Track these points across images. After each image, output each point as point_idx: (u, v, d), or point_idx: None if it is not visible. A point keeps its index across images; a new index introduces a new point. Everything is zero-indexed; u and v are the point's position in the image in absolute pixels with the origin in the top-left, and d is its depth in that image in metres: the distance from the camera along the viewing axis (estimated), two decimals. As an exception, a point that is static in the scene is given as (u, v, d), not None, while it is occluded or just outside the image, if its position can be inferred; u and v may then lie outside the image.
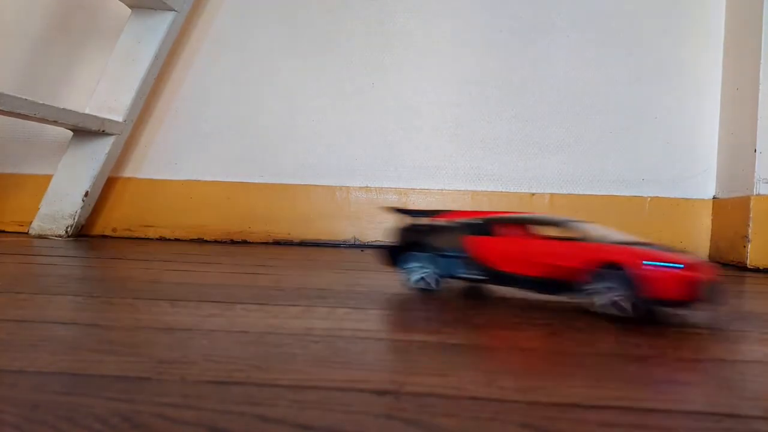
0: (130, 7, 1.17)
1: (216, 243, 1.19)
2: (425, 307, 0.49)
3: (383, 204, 1.20)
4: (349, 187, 1.22)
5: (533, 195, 1.18)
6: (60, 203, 1.15)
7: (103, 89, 1.15)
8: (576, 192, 1.18)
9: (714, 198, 1.15)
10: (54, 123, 1.04)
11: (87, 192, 1.14)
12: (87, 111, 1.12)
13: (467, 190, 1.20)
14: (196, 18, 1.25)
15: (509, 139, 1.20)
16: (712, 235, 1.14)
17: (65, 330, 0.37)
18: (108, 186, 1.22)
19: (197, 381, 0.27)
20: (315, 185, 1.22)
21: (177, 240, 1.22)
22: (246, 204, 1.23)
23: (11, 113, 0.94)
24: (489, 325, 0.43)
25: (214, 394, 0.26)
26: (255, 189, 1.23)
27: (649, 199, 1.16)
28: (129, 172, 1.26)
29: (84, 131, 1.13)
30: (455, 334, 0.40)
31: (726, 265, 1.05)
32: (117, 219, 1.25)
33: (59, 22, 1.28)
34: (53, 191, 1.15)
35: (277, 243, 1.21)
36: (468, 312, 0.48)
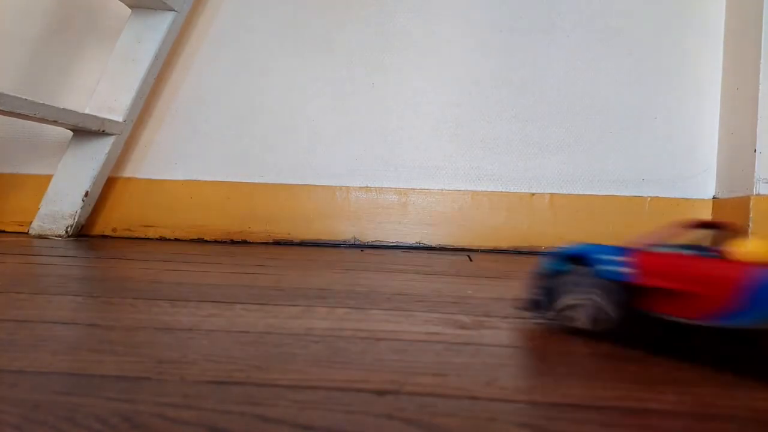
0: (130, 7, 1.17)
1: (216, 243, 1.19)
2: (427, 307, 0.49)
3: (384, 204, 1.20)
4: (349, 187, 1.22)
5: (533, 195, 1.18)
6: (60, 203, 1.15)
7: (103, 89, 1.15)
8: (576, 192, 1.18)
9: (714, 198, 1.15)
10: (54, 123, 1.04)
11: (87, 192, 1.14)
12: (87, 111, 1.12)
13: (467, 190, 1.20)
14: (196, 18, 1.25)
15: (509, 139, 1.20)
16: (711, 236, 1.14)
17: (65, 330, 0.37)
18: (108, 186, 1.22)
19: (197, 381, 0.27)
20: (315, 185, 1.22)
21: (177, 240, 1.22)
22: (246, 204, 1.23)
23: (11, 113, 0.94)
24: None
25: (214, 394, 0.26)
26: (255, 189, 1.23)
27: (649, 199, 1.16)
28: (129, 172, 1.26)
29: (84, 131, 1.13)
30: (456, 334, 0.40)
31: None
32: (117, 219, 1.25)
33: (59, 22, 1.28)
34: (53, 191, 1.15)
35: (277, 243, 1.21)
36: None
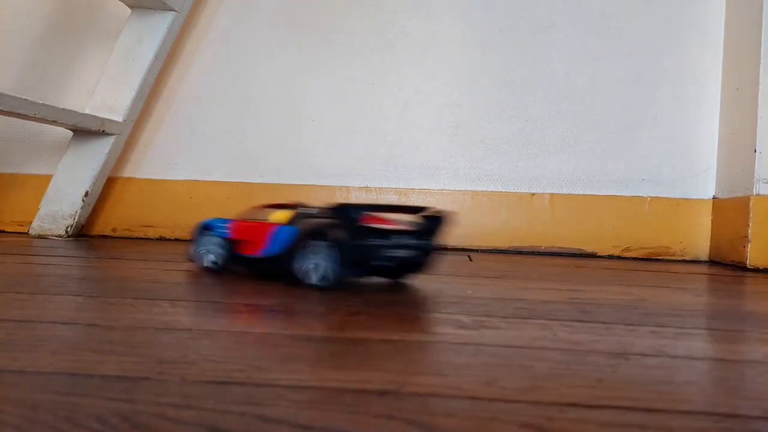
0: (130, 7, 1.17)
1: (216, 243, 1.19)
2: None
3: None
4: (349, 187, 1.22)
5: (533, 195, 1.18)
6: (60, 203, 1.15)
7: (103, 89, 1.15)
8: (576, 192, 1.18)
9: (714, 198, 1.15)
10: (54, 123, 1.04)
11: (87, 192, 1.14)
12: (87, 111, 1.12)
13: (467, 190, 1.20)
14: (196, 18, 1.25)
15: (509, 139, 1.20)
16: (711, 235, 1.14)
17: (65, 330, 0.37)
18: (108, 186, 1.22)
19: (197, 381, 0.27)
20: (315, 185, 1.22)
21: (177, 240, 1.22)
22: (246, 204, 1.23)
23: (11, 113, 0.94)
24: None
25: (214, 394, 0.26)
26: (255, 189, 1.23)
27: (649, 199, 1.16)
28: (129, 172, 1.26)
29: (84, 131, 1.13)
30: (451, 333, 0.40)
31: (726, 265, 1.05)
32: (117, 219, 1.25)
33: (59, 22, 1.28)
34: (53, 191, 1.15)
35: (277, 243, 1.21)
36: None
